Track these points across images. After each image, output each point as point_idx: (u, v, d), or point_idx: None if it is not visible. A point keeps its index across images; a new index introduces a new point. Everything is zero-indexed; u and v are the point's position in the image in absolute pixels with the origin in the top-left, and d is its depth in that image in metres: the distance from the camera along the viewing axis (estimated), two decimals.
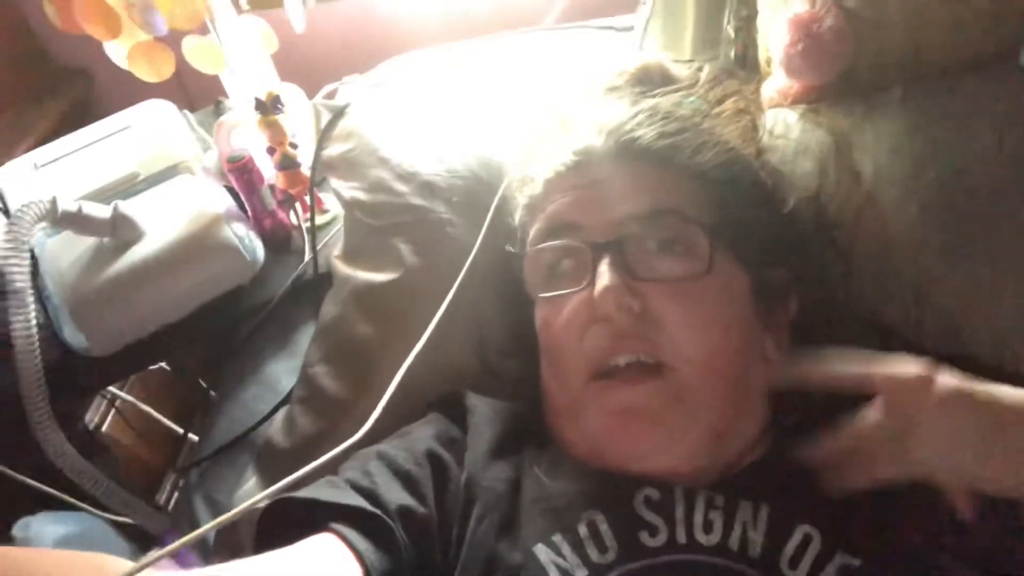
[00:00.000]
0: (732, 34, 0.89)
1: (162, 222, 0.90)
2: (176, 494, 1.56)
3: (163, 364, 1.39)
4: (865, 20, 0.69)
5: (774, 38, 0.75)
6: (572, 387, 0.61)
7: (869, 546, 0.53)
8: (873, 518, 0.55)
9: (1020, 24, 0.72)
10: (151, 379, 1.52)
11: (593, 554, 0.54)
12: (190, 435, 1.36)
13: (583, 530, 0.55)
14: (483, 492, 0.60)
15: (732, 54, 0.89)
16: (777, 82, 0.79)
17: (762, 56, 0.85)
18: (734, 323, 0.62)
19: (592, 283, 0.59)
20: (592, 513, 0.56)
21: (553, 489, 0.59)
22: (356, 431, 0.75)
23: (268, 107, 0.92)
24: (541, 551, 0.55)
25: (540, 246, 0.65)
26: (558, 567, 0.54)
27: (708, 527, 0.55)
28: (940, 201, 0.66)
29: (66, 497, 0.90)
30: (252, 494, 0.78)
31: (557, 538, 0.55)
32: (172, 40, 0.89)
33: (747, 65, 0.88)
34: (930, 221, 0.66)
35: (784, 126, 0.74)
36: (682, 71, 0.75)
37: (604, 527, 0.55)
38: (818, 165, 0.71)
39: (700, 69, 0.77)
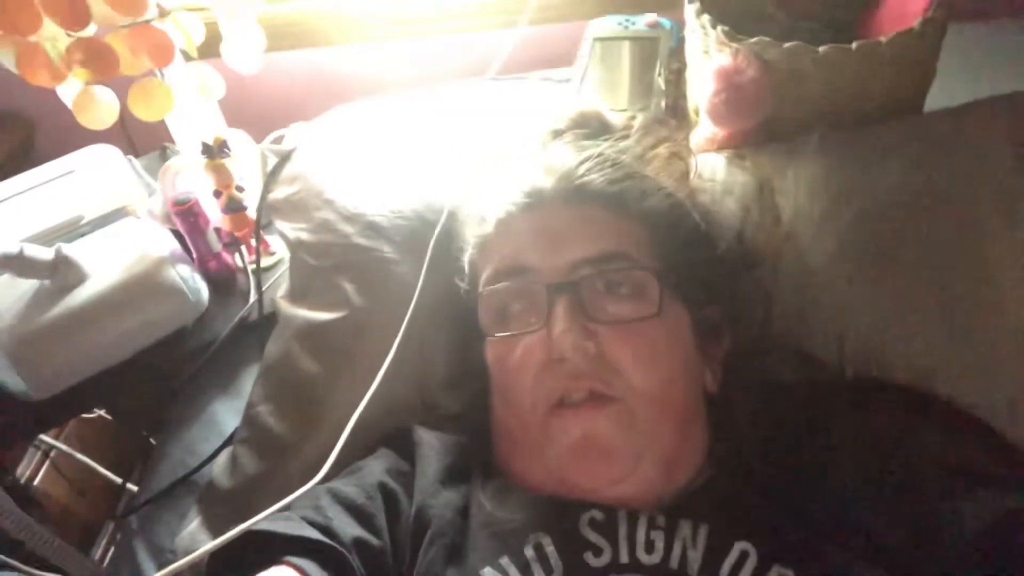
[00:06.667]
0: (663, 86, 0.95)
1: (105, 264, 0.89)
2: (112, 548, 1.50)
3: (101, 412, 1.37)
4: (783, 72, 0.74)
5: (699, 88, 0.80)
6: (530, 421, 0.62)
7: (802, 557, 0.55)
8: (806, 532, 0.57)
9: (921, 76, 0.79)
10: (87, 428, 1.48)
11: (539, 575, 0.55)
12: (128, 484, 1.32)
13: (529, 552, 0.56)
14: (433, 520, 0.61)
15: (664, 104, 0.94)
16: (704, 130, 0.83)
17: (690, 106, 0.90)
18: (680, 360, 0.65)
19: (547, 324, 0.61)
20: (538, 536, 0.57)
21: (500, 515, 0.60)
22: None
23: (215, 151, 0.93)
24: (489, 574, 0.56)
25: (495, 287, 0.66)
26: None
27: (650, 547, 0.56)
28: (854, 238, 0.70)
29: None
30: (195, 535, 0.77)
31: (504, 561, 0.56)
32: (118, 85, 0.89)
33: (678, 115, 0.94)
34: (845, 256, 0.70)
35: (711, 169, 0.78)
36: (617, 119, 0.80)
37: (550, 549, 0.56)
38: (741, 205, 0.76)
39: (633, 118, 0.81)
